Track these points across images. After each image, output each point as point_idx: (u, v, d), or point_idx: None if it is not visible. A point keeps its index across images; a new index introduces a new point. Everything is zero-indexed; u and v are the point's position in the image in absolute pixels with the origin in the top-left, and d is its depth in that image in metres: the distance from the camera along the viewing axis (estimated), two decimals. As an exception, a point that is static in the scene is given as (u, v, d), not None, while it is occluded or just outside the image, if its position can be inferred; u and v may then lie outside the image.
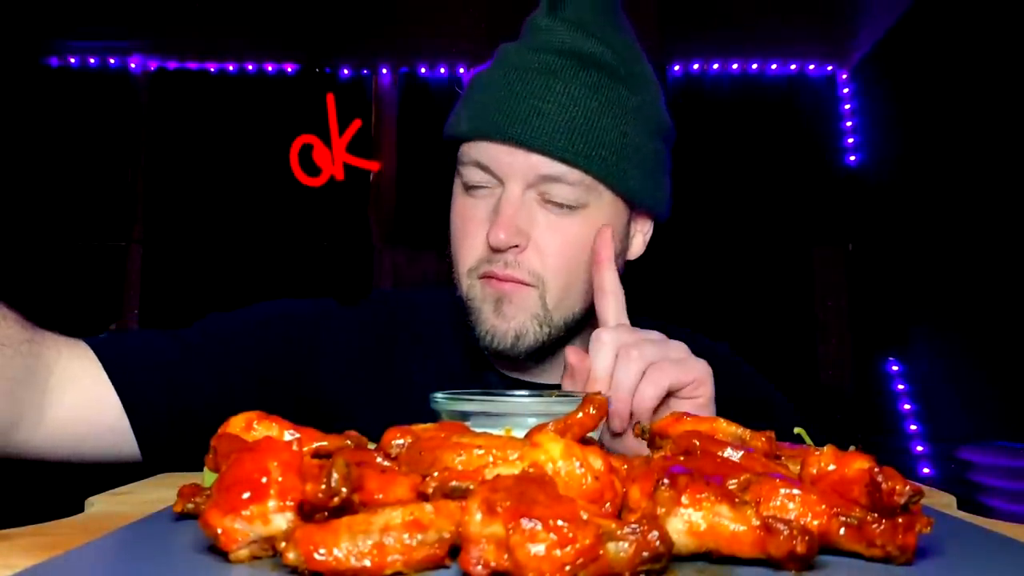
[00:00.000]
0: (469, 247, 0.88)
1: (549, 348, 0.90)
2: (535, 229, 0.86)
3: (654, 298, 0.92)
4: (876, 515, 0.41)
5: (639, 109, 0.89)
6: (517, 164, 0.84)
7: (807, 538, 0.39)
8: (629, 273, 0.95)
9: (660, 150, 0.92)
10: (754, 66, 3.49)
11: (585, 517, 0.37)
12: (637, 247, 0.97)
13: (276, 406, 0.57)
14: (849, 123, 3.47)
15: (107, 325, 3.35)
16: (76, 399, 0.76)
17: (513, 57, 0.89)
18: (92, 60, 3.52)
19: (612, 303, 0.81)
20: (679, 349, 0.77)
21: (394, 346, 0.96)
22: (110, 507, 0.59)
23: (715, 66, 3.49)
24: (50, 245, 3.38)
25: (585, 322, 0.91)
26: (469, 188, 0.89)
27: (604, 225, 0.86)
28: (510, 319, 0.86)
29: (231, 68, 3.55)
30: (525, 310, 0.86)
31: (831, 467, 0.45)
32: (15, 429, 0.72)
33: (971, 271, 2.56)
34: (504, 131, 0.84)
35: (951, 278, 2.67)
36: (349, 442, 0.51)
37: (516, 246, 0.84)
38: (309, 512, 0.41)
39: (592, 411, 0.48)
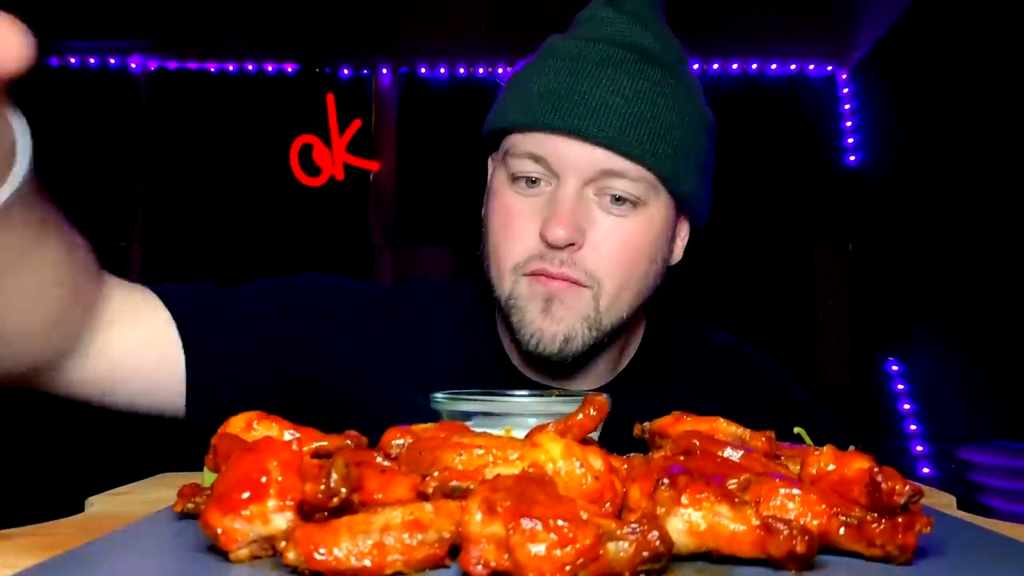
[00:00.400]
0: (516, 243, 0.83)
1: (589, 354, 0.86)
2: (592, 228, 0.82)
3: (655, 298, 0.92)
4: (876, 515, 0.41)
5: (694, 108, 0.87)
6: (578, 157, 0.81)
7: (807, 538, 0.39)
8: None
9: (708, 151, 0.90)
10: (754, 66, 3.49)
11: (585, 517, 0.37)
12: (678, 252, 0.94)
13: (290, 401, 0.56)
14: (849, 123, 3.47)
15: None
16: (134, 328, 0.72)
17: (570, 48, 0.85)
18: (92, 60, 3.52)
19: None
20: None
21: (406, 343, 0.93)
22: (110, 507, 0.59)
23: (715, 66, 3.49)
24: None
25: (627, 327, 0.89)
26: (517, 181, 0.84)
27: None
28: (559, 320, 0.82)
29: (231, 68, 3.55)
30: (576, 311, 0.82)
31: (831, 467, 0.45)
32: (77, 337, 0.67)
33: (971, 271, 2.56)
34: (568, 123, 0.80)
35: (951, 278, 2.67)
36: (349, 442, 0.51)
37: (573, 244, 0.81)
38: (309, 512, 0.41)
39: (593, 412, 0.48)
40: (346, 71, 3.55)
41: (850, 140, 3.46)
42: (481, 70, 3.50)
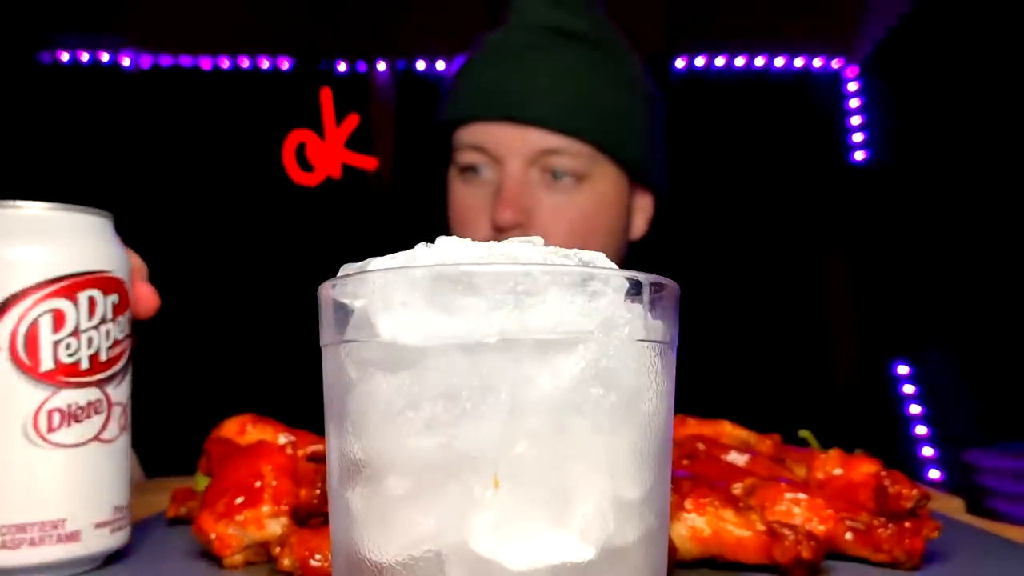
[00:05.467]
0: (470, 234, 0.86)
1: None
2: (539, 210, 0.84)
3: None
4: (883, 519, 0.41)
5: (630, 80, 0.90)
6: (515, 140, 0.84)
7: (813, 543, 0.38)
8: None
9: (653, 120, 0.93)
10: (759, 61, 3.48)
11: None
12: (640, 225, 0.95)
13: None
14: (857, 120, 3.45)
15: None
16: None
17: (498, 41, 0.89)
18: (84, 56, 3.50)
19: None
20: None
21: None
22: (102, 510, 0.58)
23: (719, 61, 3.48)
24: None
25: None
26: (466, 174, 0.88)
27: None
28: None
29: (225, 64, 3.53)
30: None
31: (837, 471, 0.45)
32: None
33: (982, 272, 2.55)
34: (502, 111, 0.84)
35: (961, 279, 2.66)
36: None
37: (521, 225, 0.83)
38: (304, 517, 0.41)
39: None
40: (342, 66, 3.53)
41: (859, 137, 3.44)
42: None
